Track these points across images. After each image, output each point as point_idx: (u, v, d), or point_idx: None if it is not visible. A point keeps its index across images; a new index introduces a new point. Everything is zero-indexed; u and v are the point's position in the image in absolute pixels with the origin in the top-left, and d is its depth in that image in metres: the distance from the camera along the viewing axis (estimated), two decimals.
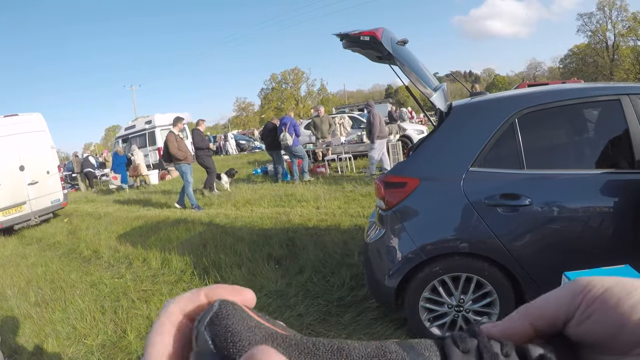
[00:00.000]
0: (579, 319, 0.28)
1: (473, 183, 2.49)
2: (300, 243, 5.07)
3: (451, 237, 2.55)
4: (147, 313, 3.83)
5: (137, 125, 20.31)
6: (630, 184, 2.35)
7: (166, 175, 16.44)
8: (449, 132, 2.71)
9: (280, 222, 6.30)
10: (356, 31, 2.74)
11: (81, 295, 4.57)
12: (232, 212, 7.72)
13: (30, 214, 9.68)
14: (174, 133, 8.67)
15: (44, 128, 10.38)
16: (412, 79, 2.66)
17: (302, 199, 7.71)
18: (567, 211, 2.40)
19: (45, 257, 6.70)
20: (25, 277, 5.67)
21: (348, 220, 5.83)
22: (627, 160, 2.40)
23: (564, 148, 2.76)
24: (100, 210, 10.70)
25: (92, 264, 5.87)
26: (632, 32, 41.67)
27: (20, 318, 4.25)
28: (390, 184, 2.74)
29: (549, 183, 2.45)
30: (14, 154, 9.55)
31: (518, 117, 2.53)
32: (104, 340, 3.49)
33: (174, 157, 8.44)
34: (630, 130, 2.37)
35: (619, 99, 2.43)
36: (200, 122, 10.07)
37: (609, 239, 2.38)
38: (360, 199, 7.08)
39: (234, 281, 4.20)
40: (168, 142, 8.43)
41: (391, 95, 58.26)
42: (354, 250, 4.47)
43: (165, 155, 8.63)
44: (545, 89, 2.73)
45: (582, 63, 46.87)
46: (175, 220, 7.64)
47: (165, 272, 4.91)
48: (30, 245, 8.08)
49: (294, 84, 62.74)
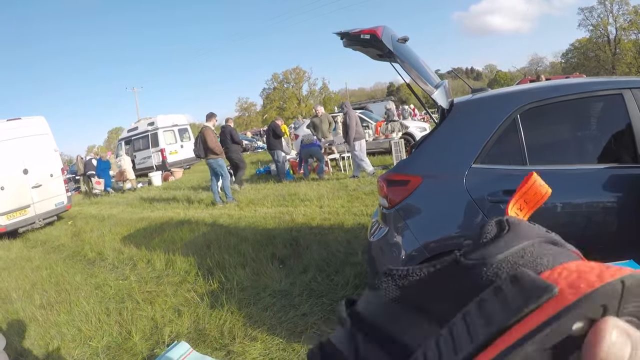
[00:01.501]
0: None
1: (475, 180, 2.48)
2: (304, 242, 5.07)
3: (454, 235, 2.54)
4: (152, 314, 3.84)
5: (139, 127, 20.38)
6: (633, 179, 2.33)
7: (169, 177, 16.48)
8: (451, 129, 2.70)
9: (284, 221, 6.31)
10: (356, 30, 2.73)
11: (86, 297, 4.59)
12: (236, 212, 7.72)
13: (34, 217, 9.72)
14: (211, 128, 8.73)
15: (47, 131, 10.41)
16: (413, 77, 2.64)
17: (306, 199, 7.71)
18: (570, 206, 2.39)
19: (50, 259, 6.72)
20: (30, 280, 5.70)
21: (351, 219, 5.82)
22: (631, 155, 2.38)
23: (566, 143, 2.75)
24: (104, 212, 10.73)
25: (96, 266, 5.89)
26: (633, 25, 41.44)
27: (25, 321, 4.27)
28: (393, 182, 2.73)
29: (551, 178, 2.43)
30: (18, 158, 9.59)
31: (520, 113, 2.51)
32: (109, 342, 3.50)
33: (212, 151, 8.53)
34: (633, 124, 2.36)
35: (621, 93, 2.42)
36: (229, 119, 10.35)
37: (613, 234, 2.37)
38: (364, 198, 7.07)
39: (238, 281, 4.21)
40: (206, 137, 8.44)
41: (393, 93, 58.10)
42: (357, 249, 4.47)
43: (202, 150, 8.59)
44: (547, 84, 2.72)
45: (583, 57, 46.68)
46: (179, 221, 7.64)
47: (169, 273, 4.91)
48: (34, 248, 8.11)
49: (296, 83, 62.77)
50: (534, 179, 0.36)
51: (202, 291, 4.15)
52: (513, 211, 0.36)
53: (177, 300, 4.07)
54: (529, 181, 0.36)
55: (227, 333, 3.28)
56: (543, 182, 0.37)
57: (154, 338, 3.43)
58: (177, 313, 3.78)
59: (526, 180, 0.37)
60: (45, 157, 10.17)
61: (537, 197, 0.37)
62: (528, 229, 0.30)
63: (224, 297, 3.87)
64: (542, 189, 0.36)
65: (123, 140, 21.35)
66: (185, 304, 3.95)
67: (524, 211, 0.37)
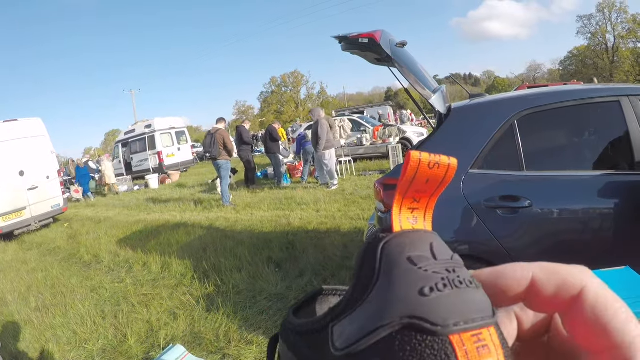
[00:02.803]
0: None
1: (472, 185, 2.48)
2: (300, 246, 5.06)
3: (450, 240, 2.54)
4: (148, 317, 3.82)
5: (136, 129, 20.37)
6: (630, 185, 2.34)
7: (166, 179, 16.46)
8: (448, 134, 2.71)
9: (281, 225, 6.30)
10: (355, 33, 2.74)
11: (82, 300, 4.57)
12: (232, 215, 7.71)
13: (30, 219, 9.67)
14: (225, 130, 9.00)
15: (44, 133, 10.38)
16: (411, 81, 2.65)
17: (302, 202, 7.71)
18: (567, 213, 2.39)
19: (46, 262, 6.69)
20: (26, 282, 5.67)
21: (348, 223, 5.83)
22: (627, 162, 2.39)
23: (563, 150, 2.75)
24: (101, 215, 10.70)
25: (92, 268, 5.86)
26: (631, 34, 41.71)
27: (21, 323, 4.24)
28: (390, 187, 2.73)
29: (548, 185, 2.45)
30: (14, 160, 9.54)
31: (517, 119, 2.52)
32: (104, 345, 3.48)
33: (228, 152, 8.78)
34: (630, 131, 2.37)
35: (618, 101, 2.43)
36: (246, 121, 11.03)
37: (609, 241, 2.38)
38: (360, 202, 7.08)
39: (233, 285, 4.20)
40: (225, 138, 8.68)
41: (391, 98, 58.19)
42: (354, 253, 4.46)
43: (218, 151, 8.67)
44: (544, 91, 2.73)
45: (582, 65, 46.91)
46: (175, 224, 7.63)
47: (165, 276, 4.90)
48: (30, 250, 8.07)
49: (294, 87, 62.84)
50: (417, 155, 0.24)
51: (198, 294, 4.14)
52: (404, 216, 0.26)
53: (172, 304, 4.05)
54: (411, 160, 0.24)
55: (223, 336, 3.27)
56: (432, 154, 0.24)
57: (150, 341, 3.41)
58: (172, 316, 3.77)
59: (407, 161, 0.24)
60: (41, 159, 10.13)
61: (437, 174, 0.25)
62: (404, 281, 0.21)
63: (219, 300, 3.86)
64: (441, 161, 0.24)
65: (120, 143, 21.33)
66: (181, 307, 3.93)
67: (421, 205, 0.27)
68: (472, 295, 0.21)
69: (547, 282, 0.24)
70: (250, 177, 10.94)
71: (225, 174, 8.79)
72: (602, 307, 0.23)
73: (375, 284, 0.21)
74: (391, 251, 0.22)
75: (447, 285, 0.21)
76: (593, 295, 0.23)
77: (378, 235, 0.24)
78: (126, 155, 20.66)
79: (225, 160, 8.76)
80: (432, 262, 0.22)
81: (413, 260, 0.22)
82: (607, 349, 0.22)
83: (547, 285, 0.24)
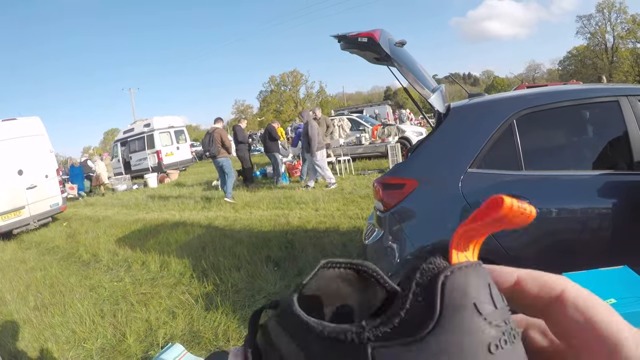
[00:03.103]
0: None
1: (471, 184, 2.48)
2: (299, 245, 5.07)
3: (449, 239, 2.54)
4: (146, 316, 3.82)
5: (135, 128, 20.32)
6: (629, 185, 2.35)
7: (165, 178, 16.46)
8: (447, 133, 2.71)
9: (279, 224, 6.30)
10: (354, 33, 2.74)
11: (80, 299, 4.57)
12: (231, 214, 7.71)
13: (29, 218, 9.66)
14: (222, 128, 9.26)
15: (43, 132, 10.36)
16: (410, 81, 2.66)
17: (301, 201, 7.71)
18: (566, 212, 2.40)
19: (45, 261, 6.68)
20: (25, 281, 5.66)
21: (347, 222, 5.83)
22: (626, 162, 2.40)
23: (562, 149, 2.76)
24: (99, 214, 10.69)
25: (91, 267, 5.86)
26: (631, 34, 41.71)
27: (19, 322, 4.24)
28: (389, 186, 2.74)
29: (547, 184, 2.45)
30: (13, 159, 9.53)
31: (516, 118, 2.53)
32: (103, 344, 3.48)
33: (227, 150, 9.05)
34: (629, 131, 2.38)
35: (617, 101, 2.43)
36: (242, 120, 11.65)
37: (607, 240, 2.38)
38: (359, 201, 7.08)
39: (232, 284, 4.20)
40: (222, 136, 8.95)
41: (390, 97, 58.15)
42: (352, 252, 4.47)
43: (217, 149, 8.91)
44: (543, 91, 2.73)
45: (581, 65, 46.90)
46: (174, 223, 7.63)
47: (164, 275, 4.90)
48: (29, 249, 8.06)
49: (293, 86, 62.73)
50: (509, 202, 0.23)
51: (196, 293, 4.14)
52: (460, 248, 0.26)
53: (171, 302, 4.05)
54: (504, 206, 0.23)
55: (222, 335, 3.27)
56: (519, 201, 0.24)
57: (149, 340, 3.41)
58: (171, 315, 3.77)
59: (494, 204, 0.24)
60: (40, 158, 10.11)
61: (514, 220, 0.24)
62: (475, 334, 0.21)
63: (218, 299, 3.86)
64: (525, 210, 0.24)
65: (119, 142, 21.29)
66: (179, 306, 3.93)
67: (472, 244, 0.27)
68: (521, 350, 0.22)
69: (531, 282, 0.27)
70: (247, 176, 11.08)
71: (229, 171, 9.00)
72: (583, 302, 0.25)
73: (437, 324, 0.20)
74: (454, 290, 0.21)
75: (507, 341, 0.21)
76: (574, 294, 0.25)
77: (434, 261, 0.24)
78: (125, 154, 20.62)
79: (225, 158, 8.98)
80: (493, 312, 0.22)
81: (478, 309, 0.21)
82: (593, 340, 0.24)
83: (531, 284, 0.27)
